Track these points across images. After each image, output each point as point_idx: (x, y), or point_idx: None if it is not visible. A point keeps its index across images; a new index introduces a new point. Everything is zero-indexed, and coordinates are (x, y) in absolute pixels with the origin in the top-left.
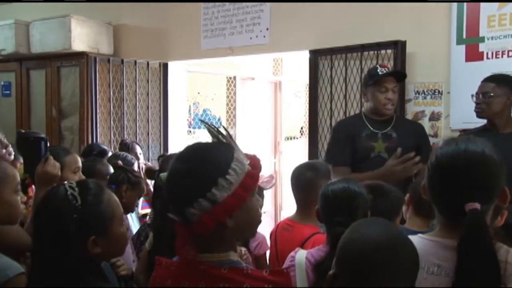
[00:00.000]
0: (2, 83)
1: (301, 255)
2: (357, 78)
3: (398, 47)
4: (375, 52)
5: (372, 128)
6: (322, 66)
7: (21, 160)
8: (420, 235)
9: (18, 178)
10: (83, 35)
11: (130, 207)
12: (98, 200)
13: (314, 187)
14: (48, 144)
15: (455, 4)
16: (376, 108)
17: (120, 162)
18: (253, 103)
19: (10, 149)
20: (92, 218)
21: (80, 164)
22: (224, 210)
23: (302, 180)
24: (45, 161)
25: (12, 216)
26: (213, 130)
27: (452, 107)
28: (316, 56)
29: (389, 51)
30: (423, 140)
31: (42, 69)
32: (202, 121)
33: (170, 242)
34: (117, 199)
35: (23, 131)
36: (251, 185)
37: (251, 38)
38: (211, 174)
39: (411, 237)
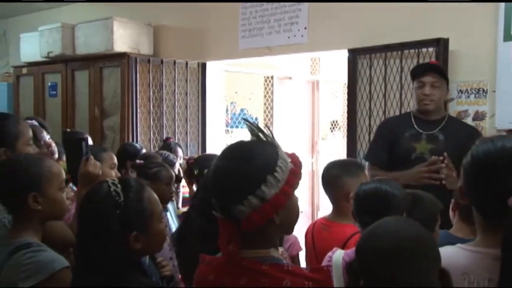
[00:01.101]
0: (49, 84)
1: (338, 255)
2: (396, 78)
3: (440, 45)
4: (416, 50)
5: (417, 128)
6: (361, 65)
7: (64, 158)
8: (460, 245)
9: (64, 175)
10: (124, 36)
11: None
12: (140, 197)
13: (339, 184)
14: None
15: None
16: (417, 105)
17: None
18: (290, 103)
19: (54, 148)
20: (134, 215)
21: (115, 160)
22: (272, 207)
23: (327, 178)
24: (86, 161)
25: (57, 213)
26: (255, 129)
27: (497, 106)
28: (355, 55)
29: (430, 49)
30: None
31: (85, 70)
32: (244, 119)
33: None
34: (156, 196)
35: (68, 130)
36: (295, 182)
37: (289, 38)
38: (260, 172)
39: (450, 248)
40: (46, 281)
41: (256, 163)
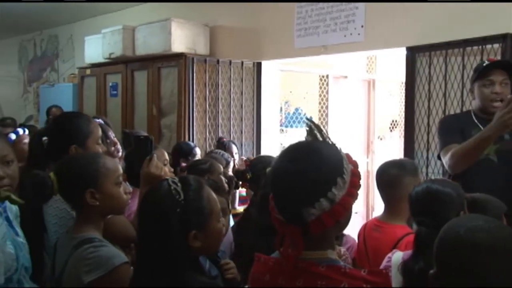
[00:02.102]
0: (110, 84)
1: (397, 256)
2: (458, 76)
3: (507, 40)
4: (480, 47)
5: (482, 128)
6: (420, 64)
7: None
8: None
9: (120, 171)
10: (182, 37)
11: None
12: (199, 196)
13: (397, 184)
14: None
15: None
16: (483, 105)
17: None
18: (345, 102)
19: (119, 146)
20: (194, 213)
21: (167, 157)
22: (342, 209)
23: (385, 177)
24: (149, 162)
25: (116, 207)
26: (315, 129)
27: None
28: (413, 53)
29: (495, 45)
30: None
31: (144, 70)
32: (307, 119)
33: (267, 238)
34: (215, 196)
35: (127, 130)
36: (357, 183)
37: (345, 36)
38: (331, 174)
39: None
40: (106, 275)
41: (327, 166)
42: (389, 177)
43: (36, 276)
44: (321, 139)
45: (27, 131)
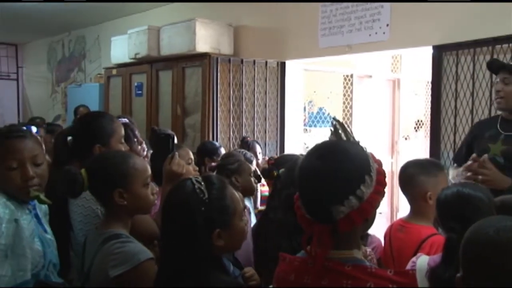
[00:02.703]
0: (135, 84)
1: (422, 260)
2: (486, 75)
3: None
4: (509, 45)
5: (499, 129)
6: (447, 62)
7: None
8: None
9: (149, 172)
10: (206, 37)
11: None
12: (223, 195)
13: (411, 182)
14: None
15: None
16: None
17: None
18: (370, 102)
19: (144, 145)
20: (218, 212)
21: (191, 155)
22: (371, 207)
23: (401, 176)
24: (171, 159)
25: (143, 207)
26: (340, 129)
27: None
28: (440, 52)
29: None
30: None
31: (169, 70)
32: (334, 119)
33: (291, 238)
34: (237, 194)
35: (156, 128)
36: (383, 181)
37: (370, 35)
38: (360, 172)
39: None
40: (132, 270)
41: (356, 164)
42: (405, 175)
43: (63, 272)
44: (345, 138)
45: (34, 129)
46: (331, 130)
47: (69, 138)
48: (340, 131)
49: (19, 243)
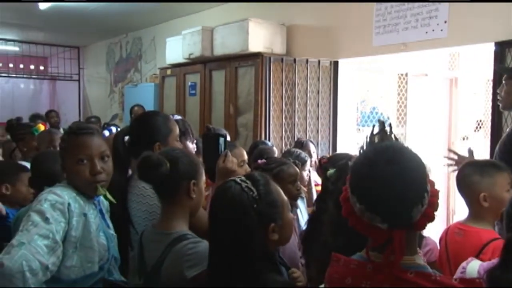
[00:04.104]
0: (189, 83)
1: (473, 266)
2: None
3: None
4: None
5: None
6: (511, 59)
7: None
8: None
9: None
10: (259, 37)
11: None
12: (269, 190)
13: (469, 184)
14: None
15: None
16: None
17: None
18: (425, 101)
19: (195, 144)
20: (269, 206)
21: (245, 157)
22: (433, 209)
23: (459, 177)
24: (225, 157)
25: (200, 204)
26: (386, 131)
27: None
28: (503, 48)
29: None
30: None
31: (222, 69)
32: (379, 120)
33: (347, 238)
34: (279, 188)
35: (210, 126)
36: (432, 182)
37: (426, 33)
38: (425, 174)
39: None
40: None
41: (422, 166)
42: (461, 177)
43: (122, 267)
44: (393, 139)
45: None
46: (374, 132)
47: (127, 138)
48: (388, 133)
49: (87, 236)
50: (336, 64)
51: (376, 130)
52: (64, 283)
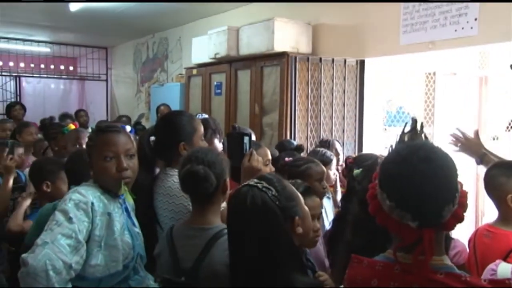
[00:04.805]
0: (215, 83)
1: (504, 269)
2: None
3: None
4: None
5: None
6: None
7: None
8: None
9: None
10: (285, 36)
11: None
12: (284, 185)
13: (496, 185)
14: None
15: None
16: None
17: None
18: (454, 100)
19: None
20: (288, 201)
21: (270, 157)
22: (462, 209)
23: (487, 179)
24: (250, 156)
25: (224, 199)
26: (417, 130)
27: None
28: None
29: None
30: None
31: (247, 69)
32: (412, 119)
33: (369, 238)
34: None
35: (236, 125)
36: (461, 184)
37: (455, 31)
38: (457, 174)
39: None
40: None
41: (455, 166)
42: (488, 178)
43: (148, 265)
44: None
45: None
46: (405, 131)
47: (152, 138)
48: (419, 132)
49: (111, 235)
50: (362, 63)
51: (408, 128)
52: (90, 281)
